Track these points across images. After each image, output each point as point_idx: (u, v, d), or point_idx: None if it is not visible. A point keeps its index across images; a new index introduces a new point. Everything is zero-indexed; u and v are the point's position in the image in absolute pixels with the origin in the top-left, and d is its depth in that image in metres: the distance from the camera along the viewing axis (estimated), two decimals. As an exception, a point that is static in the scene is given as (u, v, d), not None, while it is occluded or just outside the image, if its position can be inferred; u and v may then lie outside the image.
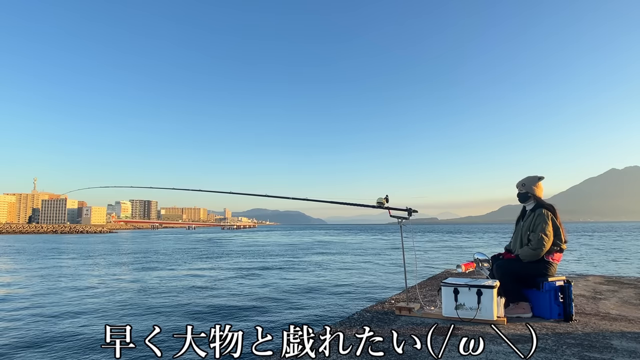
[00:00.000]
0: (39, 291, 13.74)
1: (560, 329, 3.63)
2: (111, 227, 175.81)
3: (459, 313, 3.83)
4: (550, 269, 4.10)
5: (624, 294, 5.42)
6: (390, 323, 3.86)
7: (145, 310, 10.42)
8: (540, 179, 4.41)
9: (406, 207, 4.12)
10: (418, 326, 3.72)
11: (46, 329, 8.62)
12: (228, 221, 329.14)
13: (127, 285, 15.08)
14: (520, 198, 4.46)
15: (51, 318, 9.62)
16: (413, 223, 4.25)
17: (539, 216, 4.15)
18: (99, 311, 10.35)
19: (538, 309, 4.07)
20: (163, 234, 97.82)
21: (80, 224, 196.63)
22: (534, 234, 4.11)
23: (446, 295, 3.93)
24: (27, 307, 11.03)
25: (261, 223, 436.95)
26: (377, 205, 4.12)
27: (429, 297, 5.19)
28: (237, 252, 34.13)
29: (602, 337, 3.35)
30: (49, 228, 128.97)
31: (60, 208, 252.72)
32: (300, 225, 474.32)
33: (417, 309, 4.23)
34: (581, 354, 2.92)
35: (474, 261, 4.51)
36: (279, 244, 48.00)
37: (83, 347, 7.21)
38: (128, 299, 12.10)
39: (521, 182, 4.44)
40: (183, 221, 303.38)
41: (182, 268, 21.25)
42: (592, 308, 4.53)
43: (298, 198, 4.74)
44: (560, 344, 3.16)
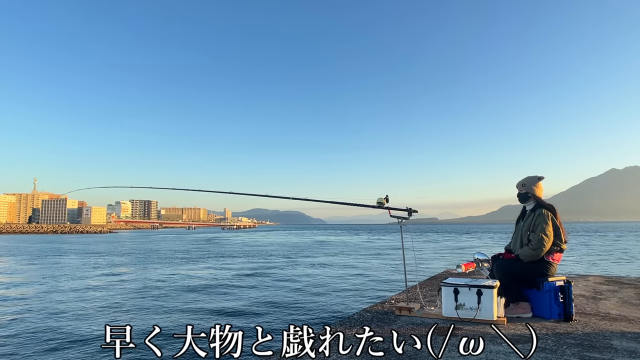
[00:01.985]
0: (39, 291, 13.74)
1: (561, 329, 3.63)
2: (111, 227, 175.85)
3: (459, 313, 3.83)
4: (550, 269, 4.10)
5: (624, 294, 5.41)
6: (390, 323, 3.85)
7: (145, 310, 10.43)
8: (540, 179, 4.40)
9: (406, 207, 4.12)
10: (418, 326, 3.72)
11: (46, 328, 8.62)
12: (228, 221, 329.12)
13: (127, 285, 15.08)
14: (520, 198, 4.45)
15: (51, 318, 9.62)
16: (413, 223, 4.25)
17: (539, 216, 4.14)
18: (99, 311, 10.35)
19: (538, 309, 4.06)
20: (163, 234, 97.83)
21: (81, 224, 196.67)
22: (534, 234, 4.10)
23: (446, 295, 3.92)
24: (27, 307, 11.03)
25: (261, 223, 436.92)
26: (377, 205, 4.12)
27: (429, 297, 5.19)
28: (237, 252, 34.13)
29: (602, 337, 3.35)
30: (49, 228, 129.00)
31: (61, 208, 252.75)
32: (300, 225, 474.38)
33: (417, 309, 4.23)
34: (581, 354, 2.92)
35: (474, 261, 4.51)
36: (279, 244, 48.00)
37: (83, 347, 7.21)
38: (128, 298, 12.10)
39: (521, 182, 4.44)
40: (183, 221, 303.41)
41: (182, 268, 21.25)
42: (592, 308, 4.53)
43: (298, 198, 4.74)
44: (561, 344, 3.16)
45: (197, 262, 24.51)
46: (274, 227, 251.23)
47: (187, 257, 28.26)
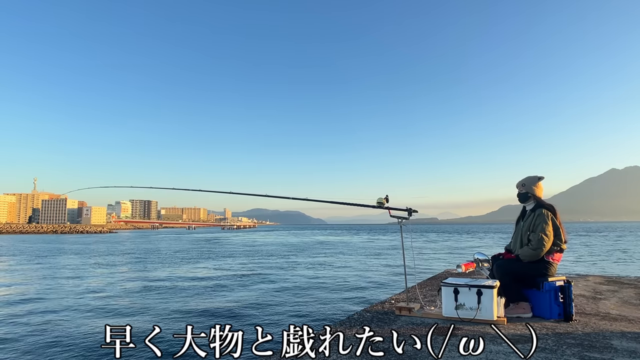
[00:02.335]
0: (39, 291, 13.74)
1: (560, 329, 3.63)
2: (111, 227, 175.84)
3: (459, 313, 3.83)
4: (551, 269, 4.10)
5: (624, 294, 5.41)
6: (390, 323, 3.85)
7: (145, 310, 10.43)
8: (540, 179, 4.39)
9: (406, 207, 4.11)
10: (418, 326, 3.72)
11: (46, 329, 8.62)
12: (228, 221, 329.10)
13: (127, 285, 15.08)
14: (520, 198, 4.45)
15: (51, 318, 9.61)
16: (413, 223, 4.25)
17: (539, 216, 4.14)
18: (99, 311, 10.35)
19: (538, 309, 4.06)
20: (163, 234, 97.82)
21: (81, 224, 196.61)
22: (534, 234, 4.10)
23: (446, 295, 3.92)
24: (27, 307, 11.03)
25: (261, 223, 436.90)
26: (377, 205, 4.11)
27: (429, 297, 5.18)
28: (237, 252, 34.13)
29: (602, 337, 3.35)
30: (49, 228, 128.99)
31: (61, 208, 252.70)
32: (300, 225, 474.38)
33: (417, 309, 4.23)
34: (581, 354, 2.92)
35: (474, 261, 4.51)
36: (278, 244, 47.99)
37: (83, 347, 7.21)
38: (128, 299, 12.10)
39: (521, 182, 4.43)
40: (183, 221, 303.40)
41: (182, 268, 21.25)
42: (592, 308, 4.53)
43: (298, 198, 4.74)
44: (560, 344, 3.16)
45: (197, 262, 24.51)
46: (274, 227, 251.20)
47: (186, 257, 28.25)
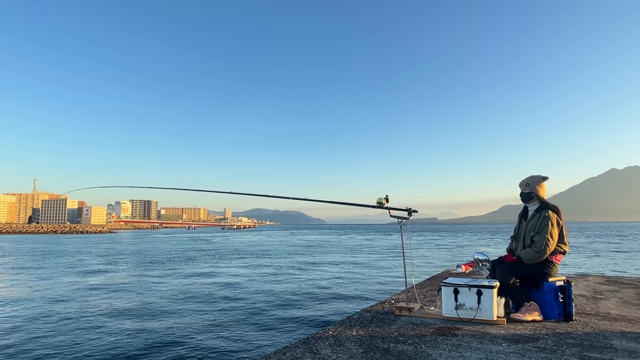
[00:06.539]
0: (38, 291, 13.74)
1: (560, 329, 3.63)
2: (111, 227, 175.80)
3: (459, 313, 3.83)
4: (553, 268, 4.05)
5: (624, 294, 5.41)
6: (390, 323, 3.85)
7: (145, 310, 10.43)
8: (545, 179, 4.26)
9: (406, 207, 4.11)
10: (418, 326, 3.72)
11: (46, 329, 8.62)
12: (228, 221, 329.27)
13: (126, 285, 15.08)
14: (523, 198, 4.32)
15: (51, 318, 9.62)
16: (413, 223, 4.25)
17: (544, 218, 4.02)
18: (98, 311, 10.35)
19: (538, 309, 4.06)
20: (163, 234, 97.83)
21: (81, 224, 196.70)
22: (539, 235, 3.99)
23: (446, 295, 3.93)
24: (26, 307, 11.03)
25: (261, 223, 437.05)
26: (377, 206, 4.11)
27: (429, 297, 5.19)
28: (237, 252, 34.13)
29: (602, 337, 3.35)
30: (49, 228, 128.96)
31: (60, 208, 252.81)
32: (300, 225, 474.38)
33: (417, 309, 4.23)
34: (581, 354, 2.92)
35: (474, 261, 4.50)
36: (278, 244, 48.01)
37: (83, 347, 7.21)
38: (128, 299, 12.11)
39: (525, 182, 4.29)
40: (183, 221, 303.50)
41: (182, 268, 21.25)
42: (592, 308, 4.53)
43: (298, 198, 4.74)
44: (560, 344, 3.16)
45: (197, 263, 24.51)
46: (274, 227, 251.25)
47: (186, 258, 28.26)
